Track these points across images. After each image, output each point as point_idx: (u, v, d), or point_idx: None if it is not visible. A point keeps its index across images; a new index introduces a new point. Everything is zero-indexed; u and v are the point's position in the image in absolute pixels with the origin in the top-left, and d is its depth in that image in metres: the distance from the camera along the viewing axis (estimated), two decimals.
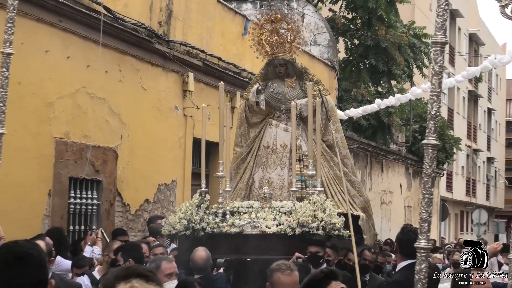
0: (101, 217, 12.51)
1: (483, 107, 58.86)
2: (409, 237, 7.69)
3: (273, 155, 11.19)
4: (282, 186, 11.01)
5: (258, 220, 9.84)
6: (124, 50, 13.07)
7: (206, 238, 9.81)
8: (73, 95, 11.86)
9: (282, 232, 9.66)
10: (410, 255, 7.53)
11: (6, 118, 10.45)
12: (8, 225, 9.89)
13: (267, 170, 11.16)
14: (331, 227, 9.55)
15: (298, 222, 9.58)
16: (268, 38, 11.16)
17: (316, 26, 23.01)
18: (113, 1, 12.66)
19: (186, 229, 9.86)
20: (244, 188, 11.27)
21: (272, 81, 11.39)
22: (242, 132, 11.59)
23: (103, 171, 12.57)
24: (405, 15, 32.22)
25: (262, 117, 11.51)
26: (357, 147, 26.49)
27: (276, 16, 11.12)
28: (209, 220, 9.91)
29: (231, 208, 10.20)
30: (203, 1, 15.65)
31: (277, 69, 11.28)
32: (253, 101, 11.30)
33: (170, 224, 10.06)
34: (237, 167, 11.42)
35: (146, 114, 13.77)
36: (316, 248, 9.16)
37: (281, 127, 11.25)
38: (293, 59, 11.32)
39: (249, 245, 9.81)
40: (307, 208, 9.69)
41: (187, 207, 10.04)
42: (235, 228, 9.83)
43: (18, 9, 10.60)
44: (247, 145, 11.48)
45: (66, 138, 11.70)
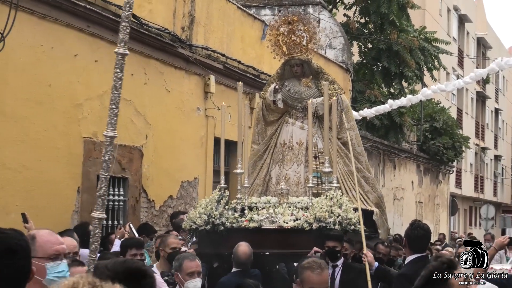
0: (127, 213, 12.52)
1: (491, 107, 58.67)
2: (418, 232, 7.80)
3: (290, 152, 11.08)
4: (299, 182, 10.90)
5: (276, 215, 9.74)
6: (149, 54, 13.08)
7: (225, 233, 9.74)
8: (100, 96, 11.86)
9: (300, 227, 9.53)
10: (418, 249, 7.77)
11: (38, 119, 10.52)
12: (40, 220, 9.92)
13: (283, 167, 11.05)
14: (347, 222, 9.43)
15: (315, 217, 9.47)
16: (285, 39, 11.05)
17: (331, 31, 22.95)
18: (139, 8, 12.66)
19: (206, 224, 9.77)
20: (261, 184, 11.16)
21: (288, 80, 11.29)
22: (259, 130, 11.51)
23: (129, 169, 12.57)
24: (416, 20, 32.11)
25: (278, 115, 11.41)
26: (370, 145, 26.42)
27: (293, 17, 11.04)
28: (228, 215, 9.82)
29: (249, 203, 10.10)
30: (223, 7, 15.63)
31: (294, 69, 11.18)
32: (270, 99, 11.21)
33: (191, 219, 9.96)
34: (254, 164, 11.30)
35: (170, 115, 13.77)
36: (333, 243, 9.04)
37: (297, 125, 11.14)
38: (309, 59, 11.21)
39: (267, 239, 9.70)
40: (324, 203, 9.58)
41: (207, 203, 9.95)
42: (254, 223, 9.74)
43: (48, 15, 10.66)
44: (264, 143, 11.39)
45: (94, 138, 11.71)
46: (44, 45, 10.70)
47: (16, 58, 10.18)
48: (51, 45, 10.83)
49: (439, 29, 41.34)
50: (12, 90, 10.11)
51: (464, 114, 49.30)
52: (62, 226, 10.87)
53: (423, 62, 28.02)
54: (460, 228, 45.83)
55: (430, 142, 33.67)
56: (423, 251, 7.91)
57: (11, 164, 10.07)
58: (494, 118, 60.29)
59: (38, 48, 10.59)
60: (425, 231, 7.95)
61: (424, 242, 8.02)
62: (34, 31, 10.52)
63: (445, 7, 46.80)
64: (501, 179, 62.90)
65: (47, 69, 10.77)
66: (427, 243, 8.38)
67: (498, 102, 61.12)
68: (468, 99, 51.48)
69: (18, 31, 9.84)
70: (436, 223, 36.01)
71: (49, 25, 10.80)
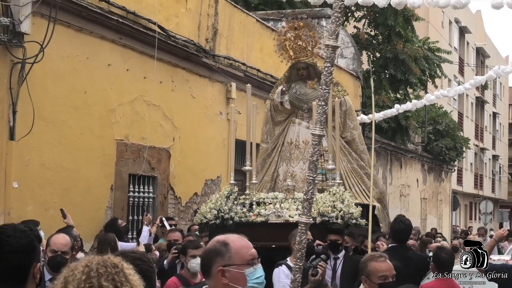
0: (156, 208, 12.49)
1: (489, 111, 58.41)
2: (399, 226, 8.34)
3: (296, 150, 10.82)
4: (304, 179, 10.39)
5: (282, 210, 9.52)
6: (176, 63, 13.04)
7: (234, 227, 9.44)
8: (131, 102, 11.85)
9: None
10: (398, 240, 8.30)
11: (75, 123, 10.51)
12: (76, 216, 9.92)
13: (290, 164, 10.79)
14: (349, 216, 9.24)
15: (319, 212, 9.23)
16: (291, 43, 10.80)
17: (342, 41, 22.83)
18: (167, 21, 12.63)
19: (216, 219, 9.56)
20: (269, 180, 10.92)
21: (295, 83, 11.02)
22: (268, 130, 11.22)
23: (158, 169, 12.54)
24: (420, 31, 31.97)
25: (286, 116, 11.13)
26: (379, 146, 26.30)
27: (299, 23, 10.78)
28: (237, 210, 9.60)
29: (257, 199, 9.84)
30: (244, 21, 15.58)
31: (300, 72, 10.89)
32: (278, 101, 10.95)
33: (202, 213, 9.75)
34: (263, 161, 11.05)
35: (195, 119, 13.73)
36: (335, 236, 8.76)
37: (303, 125, 10.86)
38: (314, 63, 10.93)
39: (273, 233, 9.42)
40: (327, 199, 9.38)
41: (217, 198, 9.74)
42: (261, 217, 9.53)
43: (84, 28, 10.64)
44: (272, 142, 11.12)
45: (126, 140, 11.68)
46: (80, 55, 10.69)
47: (55, 68, 10.17)
48: (86, 55, 10.81)
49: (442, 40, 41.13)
50: (51, 97, 10.10)
51: (465, 117, 49.08)
52: (97, 221, 10.90)
53: (427, 69, 27.86)
54: (461, 222, 45.58)
55: (434, 143, 33.52)
56: (403, 242, 8.40)
57: (50, 164, 10.06)
58: (492, 121, 60.03)
59: (74, 58, 10.58)
60: (406, 225, 8.43)
61: (404, 235, 8.46)
62: (71, 42, 10.51)
63: (447, 20, 46.61)
64: (499, 177, 62.60)
65: (83, 78, 10.75)
66: (407, 236, 8.76)
67: (495, 107, 60.85)
68: (468, 103, 51.25)
69: (56, 42, 9.83)
70: (439, 217, 35.82)
71: (84, 37, 10.78)
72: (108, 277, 2.79)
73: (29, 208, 9.60)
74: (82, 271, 2.79)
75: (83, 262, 2.84)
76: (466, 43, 51.16)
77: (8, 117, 9.32)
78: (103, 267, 2.81)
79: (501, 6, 10.74)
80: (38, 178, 9.85)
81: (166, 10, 12.63)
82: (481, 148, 54.87)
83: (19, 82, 9.38)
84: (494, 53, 59.18)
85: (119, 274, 2.82)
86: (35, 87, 9.63)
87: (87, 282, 2.76)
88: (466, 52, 51.29)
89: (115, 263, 2.85)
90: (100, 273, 2.79)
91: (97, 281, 2.77)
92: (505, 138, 66.00)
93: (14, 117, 9.36)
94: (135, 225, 11.98)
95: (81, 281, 2.77)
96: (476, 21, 55.24)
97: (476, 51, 54.52)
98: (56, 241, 5.86)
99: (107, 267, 2.82)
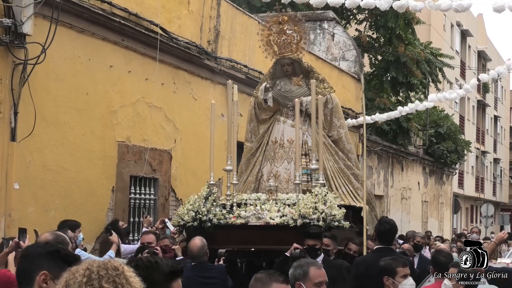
0: (157, 210, 12.47)
1: (490, 114, 58.41)
2: (384, 227, 8.15)
3: (281, 149, 10.42)
4: (289, 179, 10.19)
5: (262, 212, 9.12)
6: (178, 65, 13.03)
7: (212, 229, 9.14)
8: (133, 104, 11.83)
9: (285, 224, 8.92)
10: (384, 241, 8.10)
11: (76, 124, 10.48)
12: (78, 217, 9.89)
13: (274, 164, 10.40)
14: (331, 218, 8.83)
15: (300, 213, 8.87)
16: (276, 38, 10.40)
17: (344, 44, 22.82)
18: (169, 23, 12.61)
19: (193, 220, 9.19)
20: (253, 181, 10.54)
21: (280, 79, 10.65)
22: (252, 128, 10.87)
23: (159, 170, 12.52)
24: (422, 34, 31.94)
25: (270, 113, 10.74)
26: (380, 149, 26.26)
27: (283, 17, 10.44)
28: (216, 212, 9.22)
29: (239, 200, 9.48)
30: (246, 23, 15.55)
31: (285, 68, 10.53)
32: (262, 98, 10.55)
33: (179, 215, 9.39)
34: (247, 161, 10.74)
35: (197, 121, 13.71)
36: (313, 241, 8.38)
37: (288, 123, 10.47)
38: (299, 58, 10.54)
39: (253, 235, 9.10)
40: (309, 200, 8.97)
41: (195, 199, 9.37)
42: (241, 220, 9.15)
43: (86, 29, 10.62)
44: (256, 140, 10.75)
45: (127, 142, 11.66)
46: (82, 56, 10.67)
47: (57, 69, 10.15)
48: (88, 56, 10.79)
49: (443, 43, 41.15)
50: (53, 98, 10.08)
51: (466, 120, 49.06)
52: (98, 222, 10.87)
53: (428, 72, 27.85)
54: (462, 225, 45.54)
55: (435, 146, 33.47)
56: (389, 243, 8.23)
57: (51, 165, 10.04)
58: (493, 124, 60.03)
59: (76, 59, 10.56)
60: (392, 226, 8.26)
61: (390, 236, 8.27)
62: (73, 44, 10.49)
63: (449, 23, 46.59)
64: (500, 180, 62.58)
65: (85, 79, 10.74)
66: (393, 237, 8.59)
67: (497, 110, 60.88)
68: (470, 107, 51.24)
69: (58, 44, 9.81)
70: (440, 220, 35.78)
71: (86, 38, 10.76)
72: (109, 279, 2.81)
73: (30, 209, 9.58)
74: (83, 274, 2.81)
75: (84, 265, 2.87)
76: (467, 46, 51.17)
77: (9, 118, 9.30)
78: (104, 270, 2.83)
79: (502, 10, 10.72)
80: (40, 179, 9.82)
81: (168, 12, 12.61)
82: (482, 151, 54.86)
83: (20, 83, 9.36)
84: (496, 56, 59.17)
85: (119, 276, 2.84)
86: (36, 88, 9.61)
87: (88, 285, 2.79)
88: (467, 55, 51.30)
89: (115, 266, 2.87)
90: (101, 276, 2.80)
91: (98, 283, 2.79)
92: (506, 141, 66.00)
93: (15, 118, 9.34)
94: (136, 227, 11.96)
95: (82, 283, 2.79)
96: (478, 25, 55.24)
97: (477, 55, 54.53)
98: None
99: (108, 269, 2.84)
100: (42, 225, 8.63)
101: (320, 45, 22.14)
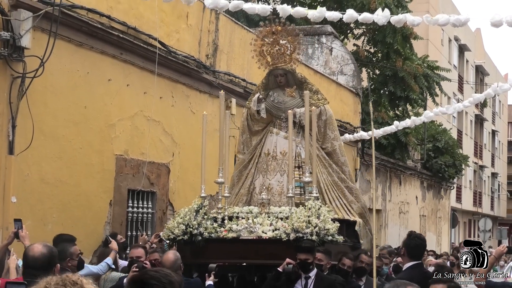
0: (155, 224, 12.44)
1: (488, 129, 58.46)
2: (416, 242, 7.81)
3: (273, 162, 10.20)
4: (282, 192, 9.95)
5: (254, 226, 8.92)
6: (176, 79, 13.03)
7: (203, 243, 8.95)
8: (132, 117, 11.82)
9: (278, 238, 8.71)
10: (415, 257, 7.77)
11: (74, 137, 10.47)
12: (75, 230, 9.86)
13: (267, 177, 10.18)
14: (325, 232, 8.62)
15: (293, 227, 8.65)
16: (269, 49, 10.21)
17: (342, 58, 22.85)
18: (167, 37, 12.62)
19: (184, 234, 8.97)
20: (245, 194, 10.32)
21: (273, 90, 10.44)
22: (245, 140, 10.69)
23: (157, 184, 12.49)
24: (420, 49, 32.00)
25: (263, 125, 10.54)
26: (378, 163, 26.24)
27: (276, 27, 10.21)
28: (207, 225, 9.02)
29: (230, 213, 9.28)
30: (244, 37, 15.57)
31: (278, 78, 10.33)
32: (254, 109, 10.38)
33: (169, 229, 9.18)
34: (240, 173, 10.53)
35: (195, 134, 13.67)
36: (304, 255, 8.23)
37: (281, 135, 10.27)
38: (293, 69, 10.36)
39: (245, 250, 8.90)
40: (302, 213, 8.75)
41: (185, 212, 9.17)
42: (232, 233, 8.94)
43: (84, 43, 10.63)
44: (249, 152, 10.54)
45: (125, 155, 11.65)
46: (80, 70, 10.67)
47: (55, 82, 10.15)
48: (87, 70, 10.79)
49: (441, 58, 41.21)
50: (51, 111, 10.07)
51: (464, 135, 49.09)
52: (96, 236, 10.84)
53: (426, 87, 27.86)
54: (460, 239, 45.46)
55: (433, 160, 33.48)
56: (419, 258, 7.96)
57: (49, 179, 10.02)
58: (491, 139, 60.06)
59: (75, 73, 10.56)
60: (422, 240, 8.01)
61: (421, 250, 8.03)
62: (72, 57, 10.49)
63: (447, 38, 46.70)
64: (498, 194, 62.56)
65: (83, 92, 10.73)
66: (423, 252, 8.37)
67: (495, 124, 60.93)
68: (468, 121, 51.28)
69: (57, 57, 9.81)
70: (438, 234, 35.73)
71: (85, 52, 10.77)
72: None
73: (28, 222, 9.53)
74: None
75: (42, 284, 2.84)
76: (465, 61, 51.27)
77: (7, 132, 9.29)
78: (62, 286, 2.79)
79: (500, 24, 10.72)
80: (37, 192, 9.80)
81: (167, 26, 12.62)
82: (480, 165, 54.87)
83: (19, 96, 9.36)
84: (494, 71, 59.29)
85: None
86: (35, 102, 9.60)
87: None
88: (465, 70, 51.40)
89: (74, 280, 2.85)
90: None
91: None
92: (504, 155, 66.04)
93: (13, 131, 9.33)
94: (134, 240, 11.91)
95: None
96: (476, 39, 55.39)
97: (475, 69, 54.63)
98: None
99: (66, 285, 2.80)
100: (39, 239, 8.57)
101: (318, 59, 22.17)
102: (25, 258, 5.64)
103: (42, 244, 5.56)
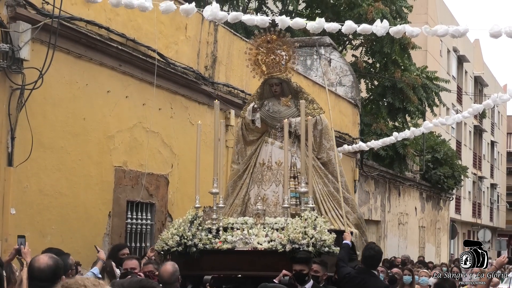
0: (154, 236, 12.42)
1: (487, 140, 58.51)
2: (369, 253, 8.78)
3: (268, 172, 10.09)
4: (277, 203, 9.84)
5: (250, 237, 8.82)
6: (175, 91, 13.05)
7: (197, 254, 8.85)
8: (130, 129, 11.83)
9: (273, 249, 8.62)
10: (367, 266, 8.79)
11: (73, 149, 10.48)
12: (74, 242, 9.87)
13: (262, 187, 10.05)
14: (321, 243, 8.54)
15: (289, 238, 8.56)
16: (264, 58, 10.12)
17: (341, 69, 22.91)
18: (166, 48, 12.65)
19: (178, 245, 8.87)
20: (240, 204, 10.20)
21: (268, 100, 10.36)
22: (239, 150, 10.60)
23: (156, 195, 12.50)
24: (418, 60, 32.11)
25: (258, 135, 10.44)
26: (377, 174, 26.26)
27: (271, 36, 10.15)
28: (201, 236, 8.92)
29: (225, 224, 9.15)
30: (243, 49, 15.55)
31: (273, 88, 10.24)
32: (249, 119, 10.25)
33: (163, 240, 9.06)
34: (234, 183, 10.40)
35: (194, 146, 13.61)
36: (300, 266, 8.16)
37: (276, 145, 10.16)
38: (288, 78, 10.24)
39: (240, 261, 8.79)
40: (298, 224, 8.65)
41: (180, 223, 9.07)
42: (227, 245, 8.84)
43: (83, 55, 10.65)
44: (244, 162, 10.43)
45: (124, 167, 11.66)
46: (79, 82, 10.69)
47: (54, 94, 10.17)
48: (86, 82, 10.82)
49: (440, 69, 41.27)
50: (50, 123, 10.09)
51: (463, 146, 49.11)
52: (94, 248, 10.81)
53: (425, 98, 27.92)
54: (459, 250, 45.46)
55: (432, 172, 33.50)
56: (374, 268, 8.98)
57: (48, 190, 10.03)
58: (490, 149, 60.10)
59: (74, 84, 10.58)
60: (376, 252, 8.90)
61: (374, 262, 8.91)
62: (71, 69, 10.52)
63: (445, 48, 46.80)
64: (497, 205, 62.55)
65: (82, 104, 10.75)
66: (376, 263, 9.16)
67: (494, 135, 60.98)
68: (467, 132, 51.32)
69: (55, 69, 9.83)
70: (437, 245, 35.72)
71: (84, 63, 10.80)
72: None
73: (27, 234, 9.51)
74: None
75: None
76: (464, 72, 51.36)
77: (6, 143, 9.30)
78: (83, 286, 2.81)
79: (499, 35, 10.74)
80: (36, 204, 9.81)
81: (165, 37, 12.66)
82: (479, 176, 54.87)
83: (18, 108, 9.38)
84: (492, 82, 59.37)
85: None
86: (34, 113, 9.62)
87: None
88: (464, 81, 51.48)
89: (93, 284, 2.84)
90: None
91: None
92: (503, 166, 66.04)
93: (12, 143, 9.34)
94: (132, 252, 11.89)
95: None
96: (475, 50, 55.49)
97: (474, 80, 54.72)
98: None
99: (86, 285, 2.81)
100: (38, 251, 8.58)
101: (317, 70, 22.22)
102: (30, 270, 5.63)
103: (48, 256, 5.55)
